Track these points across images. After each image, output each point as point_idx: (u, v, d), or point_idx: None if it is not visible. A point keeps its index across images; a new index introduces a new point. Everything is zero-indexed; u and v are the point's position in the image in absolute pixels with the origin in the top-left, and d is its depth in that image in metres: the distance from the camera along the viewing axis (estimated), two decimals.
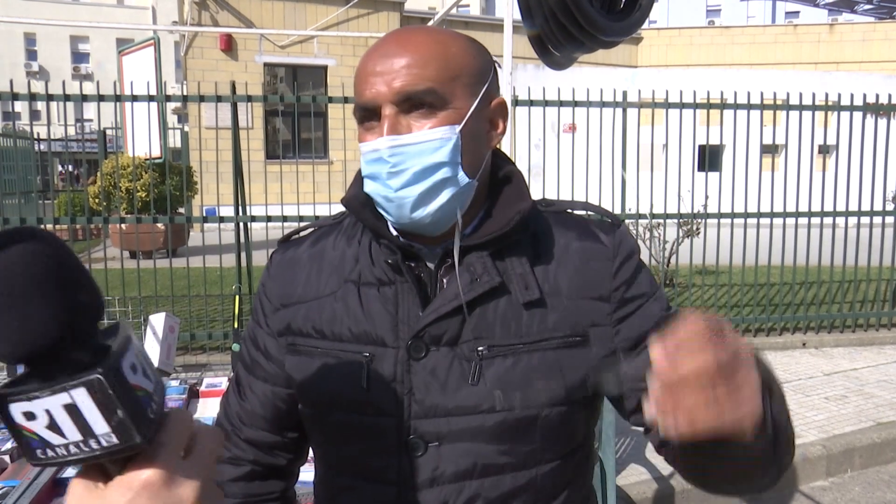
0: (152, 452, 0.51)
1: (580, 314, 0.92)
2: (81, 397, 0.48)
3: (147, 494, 0.50)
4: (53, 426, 0.49)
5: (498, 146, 1.00)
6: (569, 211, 1.01)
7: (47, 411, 0.49)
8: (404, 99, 0.84)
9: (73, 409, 0.49)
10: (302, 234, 1.07)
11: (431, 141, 0.84)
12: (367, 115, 0.87)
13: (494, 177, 0.96)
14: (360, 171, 0.93)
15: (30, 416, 0.49)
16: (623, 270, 0.95)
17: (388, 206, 0.87)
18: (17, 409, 0.49)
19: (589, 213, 1.02)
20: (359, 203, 0.93)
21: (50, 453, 0.50)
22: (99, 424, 0.49)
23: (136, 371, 0.51)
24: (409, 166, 0.84)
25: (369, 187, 0.88)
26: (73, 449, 0.50)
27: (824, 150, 6.54)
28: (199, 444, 0.54)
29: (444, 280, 0.92)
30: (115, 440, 0.49)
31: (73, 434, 0.49)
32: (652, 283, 0.98)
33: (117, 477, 0.51)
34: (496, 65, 0.98)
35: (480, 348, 0.89)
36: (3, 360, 0.49)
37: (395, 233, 0.94)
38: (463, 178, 0.87)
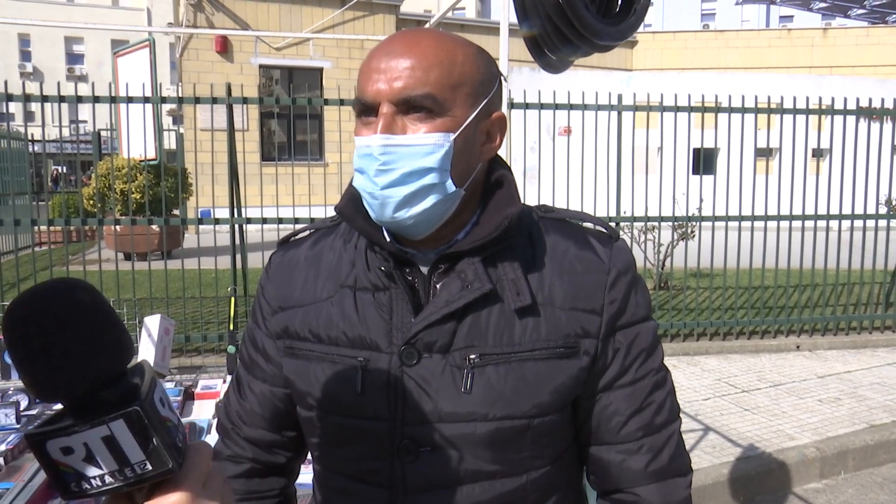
0: (178, 479, 0.55)
1: (572, 325, 0.92)
2: (120, 429, 0.53)
3: None
4: (90, 458, 0.53)
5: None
6: (568, 220, 1.01)
7: (85, 444, 0.53)
8: (403, 101, 0.84)
9: (110, 441, 0.53)
10: (300, 235, 1.07)
11: (424, 145, 0.84)
12: (366, 110, 0.87)
13: (487, 181, 0.96)
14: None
15: (67, 450, 0.53)
16: (617, 286, 0.95)
17: (372, 203, 0.87)
18: (54, 446, 0.53)
19: (587, 223, 1.02)
20: (352, 210, 0.93)
21: (84, 485, 0.54)
22: (134, 453, 0.54)
23: (164, 405, 0.56)
24: (398, 167, 0.84)
25: (357, 181, 0.89)
26: (107, 479, 0.54)
27: (818, 153, 6.57)
28: (215, 473, 0.59)
29: (438, 286, 0.92)
30: (149, 467, 0.54)
31: (109, 464, 0.54)
32: (647, 306, 0.98)
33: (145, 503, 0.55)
34: (502, 77, 0.97)
35: (472, 356, 0.89)
36: (47, 399, 0.54)
37: (388, 238, 0.94)
38: (450, 185, 0.87)
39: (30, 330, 0.51)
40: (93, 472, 0.54)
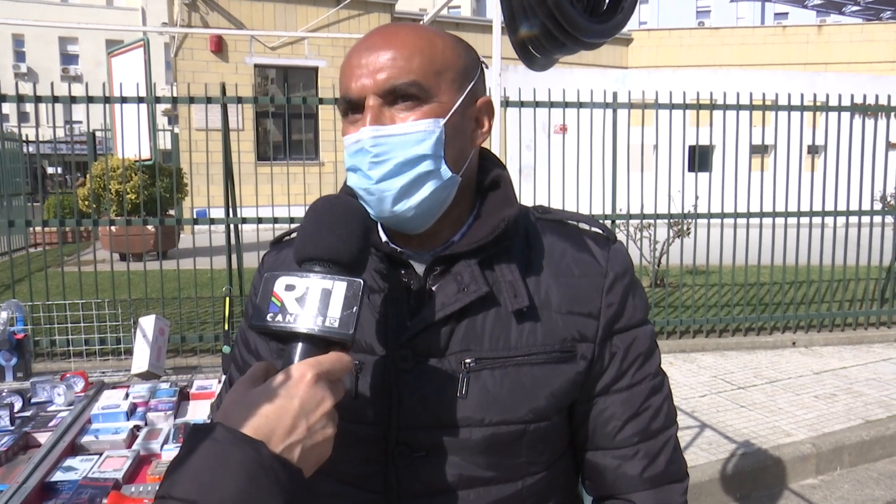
0: (334, 357, 0.69)
1: (569, 329, 0.91)
2: (339, 289, 0.70)
3: (320, 377, 0.67)
4: (301, 299, 0.70)
5: (486, 146, 0.99)
6: (565, 221, 1.00)
7: (307, 288, 0.70)
8: (389, 91, 0.83)
9: (325, 294, 0.70)
10: (294, 235, 1.05)
11: (415, 133, 0.83)
12: (352, 107, 0.86)
13: (482, 181, 0.95)
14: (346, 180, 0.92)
15: (289, 287, 0.70)
16: (614, 290, 0.94)
17: (369, 200, 0.86)
18: (283, 281, 0.71)
19: (583, 225, 1.01)
20: None
21: (278, 318, 0.69)
22: (334, 310, 0.69)
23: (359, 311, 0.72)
24: (391, 157, 0.83)
25: (351, 180, 0.88)
26: (300, 320, 0.69)
27: (813, 150, 6.58)
28: (342, 387, 0.72)
29: (434, 288, 0.90)
30: (335, 325, 0.69)
31: (310, 310, 0.69)
32: (644, 310, 0.97)
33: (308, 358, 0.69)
34: (483, 64, 0.96)
35: (468, 360, 0.88)
36: (323, 256, 0.74)
37: (384, 238, 0.93)
38: (446, 172, 0.86)
39: (335, 209, 0.77)
40: (294, 309, 0.69)
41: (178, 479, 0.59)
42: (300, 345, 0.70)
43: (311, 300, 0.69)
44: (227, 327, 3.43)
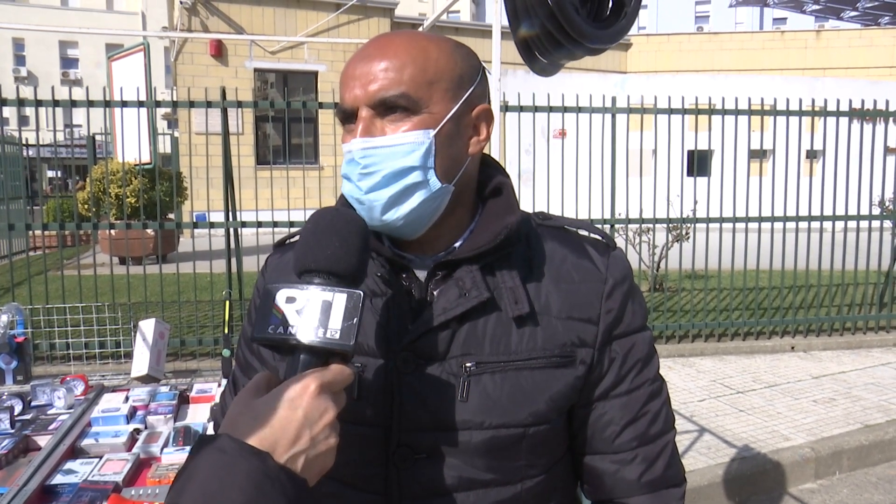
0: (336, 369, 0.70)
1: (568, 334, 0.92)
2: (339, 301, 0.71)
3: (323, 388, 0.68)
4: (301, 311, 0.70)
5: (485, 151, 1.00)
6: (566, 228, 1.01)
7: (308, 300, 0.71)
8: (379, 103, 0.84)
9: (326, 306, 0.71)
10: (297, 238, 1.07)
11: (403, 144, 0.84)
12: (347, 117, 0.88)
13: (484, 188, 0.96)
14: None
15: (290, 299, 0.71)
16: (614, 296, 0.95)
17: (360, 209, 0.87)
18: (284, 293, 0.71)
19: (583, 231, 1.02)
20: None
21: (280, 329, 0.70)
22: (335, 321, 0.70)
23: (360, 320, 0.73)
24: (379, 169, 0.84)
25: (345, 188, 0.89)
26: (301, 331, 0.70)
27: (811, 155, 6.60)
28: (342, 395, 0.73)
29: (435, 293, 0.91)
30: (337, 337, 0.70)
31: (311, 321, 0.70)
32: (643, 316, 0.98)
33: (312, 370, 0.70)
34: (485, 70, 0.97)
35: (468, 364, 0.89)
36: (323, 268, 0.74)
37: (386, 243, 0.94)
38: (436, 182, 0.87)
39: (335, 221, 0.78)
40: (295, 321, 0.70)
41: (186, 488, 0.60)
42: (302, 356, 0.71)
43: (311, 312, 0.70)
44: (226, 331, 3.43)
